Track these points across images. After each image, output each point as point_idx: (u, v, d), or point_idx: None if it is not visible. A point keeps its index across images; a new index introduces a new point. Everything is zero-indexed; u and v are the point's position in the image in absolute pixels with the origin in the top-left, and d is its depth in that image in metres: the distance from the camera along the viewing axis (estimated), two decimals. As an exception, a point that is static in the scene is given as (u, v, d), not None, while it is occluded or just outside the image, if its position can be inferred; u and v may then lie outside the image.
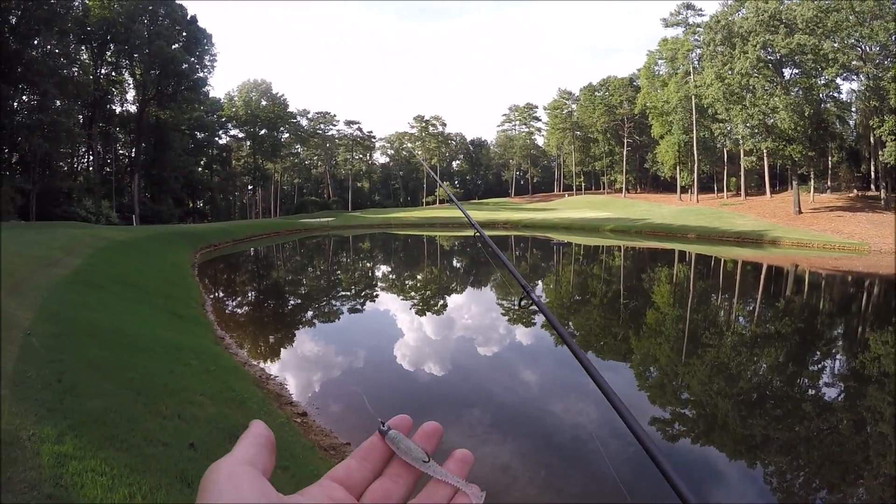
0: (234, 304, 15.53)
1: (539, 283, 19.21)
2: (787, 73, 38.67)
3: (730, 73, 38.99)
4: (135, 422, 4.02)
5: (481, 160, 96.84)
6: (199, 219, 53.95)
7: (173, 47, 43.26)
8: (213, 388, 5.80)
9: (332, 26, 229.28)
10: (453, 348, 10.62)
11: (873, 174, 41.15)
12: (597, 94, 74.82)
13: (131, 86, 46.49)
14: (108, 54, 43.33)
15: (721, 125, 45.28)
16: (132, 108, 47.43)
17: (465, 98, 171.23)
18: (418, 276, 21.58)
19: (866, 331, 12.41)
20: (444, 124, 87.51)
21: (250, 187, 71.40)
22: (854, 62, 34.85)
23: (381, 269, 24.60)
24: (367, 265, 26.52)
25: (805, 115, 35.88)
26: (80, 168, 44.91)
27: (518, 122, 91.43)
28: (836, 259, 25.95)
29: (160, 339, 7.41)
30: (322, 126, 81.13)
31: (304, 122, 77.51)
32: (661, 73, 58.97)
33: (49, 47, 32.10)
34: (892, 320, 13.26)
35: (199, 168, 61.09)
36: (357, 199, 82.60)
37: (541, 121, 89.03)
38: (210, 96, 56.33)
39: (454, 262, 28.07)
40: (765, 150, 41.24)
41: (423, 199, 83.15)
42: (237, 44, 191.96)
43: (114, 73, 45.01)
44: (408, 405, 7.28)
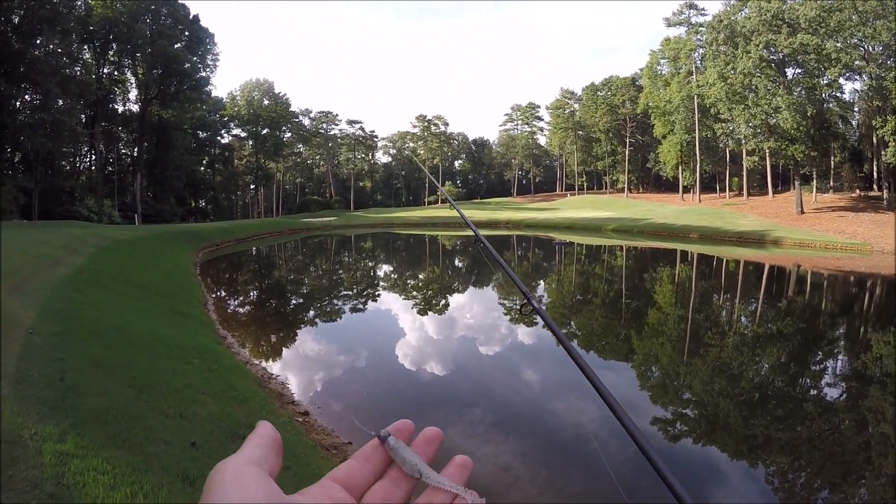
0: (236, 303, 15.55)
1: (541, 282, 19.20)
2: (789, 72, 38.58)
3: (732, 72, 38.91)
4: (137, 420, 4.03)
5: (483, 160, 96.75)
6: (202, 218, 54.08)
7: (176, 47, 43.40)
8: (214, 386, 5.81)
9: (335, 26, 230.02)
10: (455, 348, 10.60)
11: (876, 174, 41.08)
12: (599, 93, 74.73)
13: (134, 85, 46.59)
14: (111, 53, 43.36)
15: (723, 125, 45.19)
16: (134, 108, 47.58)
17: (467, 98, 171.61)
18: (420, 276, 21.58)
19: (868, 331, 12.37)
20: (447, 124, 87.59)
21: (252, 187, 71.44)
22: (857, 62, 34.73)
23: (383, 269, 24.59)
24: (369, 264, 26.50)
25: (807, 114, 35.80)
26: (82, 167, 45.05)
27: (520, 122, 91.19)
28: (839, 259, 25.86)
29: (162, 338, 7.42)
30: (324, 125, 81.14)
31: (306, 122, 77.60)
32: (663, 72, 58.93)
33: (52, 47, 32.17)
34: (894, 321, 13.22)
35: (202, 167, 61.24)
36: (359, 199, 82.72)
37: (543, 120, 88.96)
38: (212, 96, 56.57)
39: (456, 262, 28.04)
40: (767, 150, 41.12)
41: (425, 199, 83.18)
42: (239, 43, 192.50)
43: (116, 73, 45.06)
44: (409, 405, 7.29)
